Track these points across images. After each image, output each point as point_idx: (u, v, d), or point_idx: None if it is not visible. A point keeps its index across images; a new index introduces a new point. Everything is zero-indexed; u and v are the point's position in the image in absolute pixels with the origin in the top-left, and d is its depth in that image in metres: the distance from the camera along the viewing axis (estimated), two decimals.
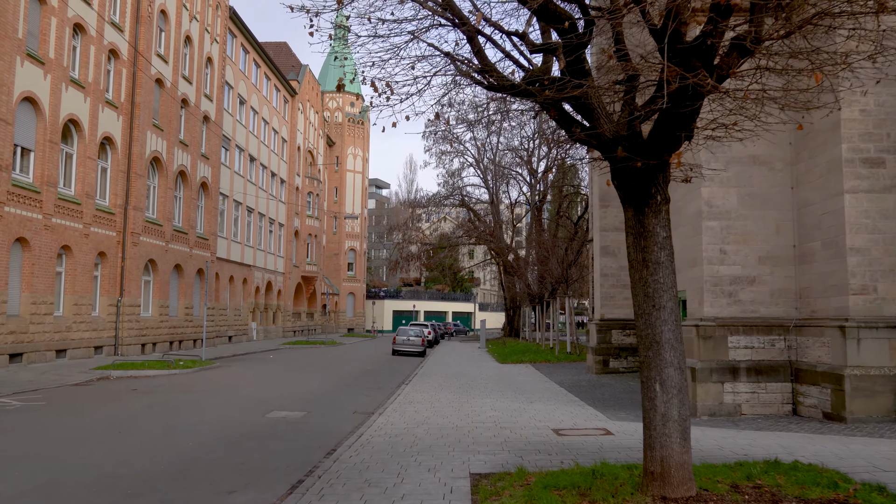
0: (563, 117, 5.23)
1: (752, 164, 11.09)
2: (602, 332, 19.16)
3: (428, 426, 10.07)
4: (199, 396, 13.85)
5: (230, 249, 36.96)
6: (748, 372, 10.71)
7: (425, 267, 60.88)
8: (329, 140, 61.16)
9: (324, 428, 10.42)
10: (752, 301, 10.91)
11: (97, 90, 23.03)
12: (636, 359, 19.08)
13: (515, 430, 9.68)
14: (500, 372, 20.64)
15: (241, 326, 38.68)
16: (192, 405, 12.49)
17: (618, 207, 19.47)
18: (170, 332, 28.20)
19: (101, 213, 23.51)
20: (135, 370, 18.88)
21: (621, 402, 13.12)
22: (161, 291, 27.60)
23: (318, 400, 13.90)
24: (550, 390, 15.31)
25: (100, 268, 24.01)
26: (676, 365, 5.13)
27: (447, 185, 49.59)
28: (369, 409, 12.61)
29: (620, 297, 19.34)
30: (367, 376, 19.91)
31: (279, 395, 14.38)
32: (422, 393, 14.64)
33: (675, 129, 4.91)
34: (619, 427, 9.84)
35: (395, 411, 11.82)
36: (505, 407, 12.30)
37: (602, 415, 11.26)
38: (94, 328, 23.10)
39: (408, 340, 31.25)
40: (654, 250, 5.27)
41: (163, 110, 27.59)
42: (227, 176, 36.23)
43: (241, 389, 15.36)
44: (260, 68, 42.12)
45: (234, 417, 11.15)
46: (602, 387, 15.85)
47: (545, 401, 13.29)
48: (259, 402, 13.07)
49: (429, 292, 78.31)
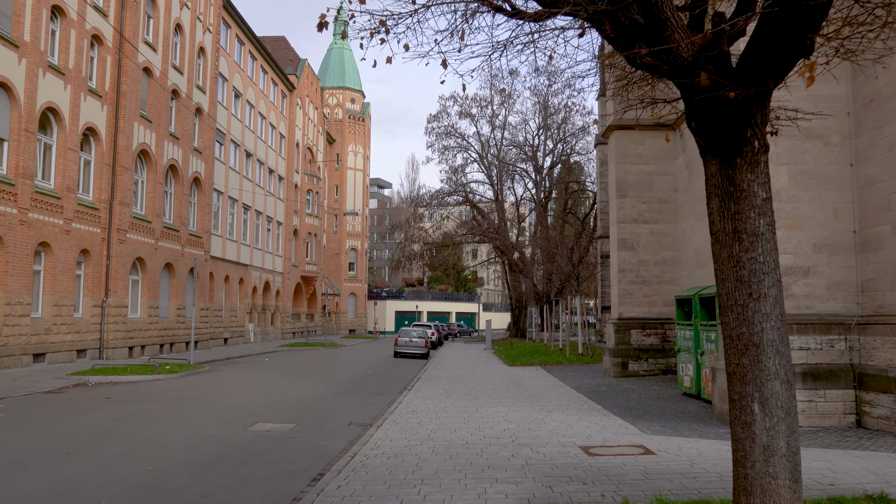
0: (620, 32, 3.78)
1: (805, 139, 9.63)
2: (620, 332, 17.69)
3: (433, 443, 8.63)
4: (179, 406, 12.42)
5: (225, 248, 35.54)
6: (803, 377, 9.24)
7: (428, 267, 59.46)
8: (329, 137, 59.75)
9: (312, 445, 8.98)
10: (806, 295, 9.44)
11: (79, 77, 21.64)
12: (657, 361, 17.61)
13: (537, 447, 8.23)
14: (509, 376, 19.18)
15: (237, 328, 37.26)
16: (167, 417, 11.06)
17: (636, 197, 18.02)
18: (160, 335, 26.78)
19: (84, 209, 22.11)
20: (116, 375, 17.47)
21: (650, 410, 11.65)
22: (150, 291, 26.19)
23: (310, 409, 12.47)
24: (568, 396, 13.85)
25: (83, 266, 22.60)
26: (783, 377, 3.70)
27: (450, 181, 48.16)
28: (367, 421, 11.17)
29: (640, 295, 17.87)
30: (366, 381, 18.47)
31: (268, 404, 12.95)
32: (425, 401, 13.20)
33: (788, 40, 3.45)
34: (659, 444, 8.38)
35: (396, 423, 10.38)
36: (520, 418, 10.85)
37: (633, 427, 9.80)
38: (76, 330, 21.69)
39: (410, 342, 29.78)
40: (749, 217, 3.84)
41: (151, 101, 26.19)
42: (222, 171, 34.83)
43: (227, 397, 13.93)
44: (256, 61, 40.72)
45: (211, 432, 9.71)
46: (624, 392, 14.38)
47: (564, 409, 11.84)
48: (244, 413, 11.64)
49: (432, 292, 76.84)
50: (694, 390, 12.76)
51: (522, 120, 55.23)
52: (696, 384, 12.60)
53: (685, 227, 17.48)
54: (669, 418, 10.70)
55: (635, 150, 18.14)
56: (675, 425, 9.96)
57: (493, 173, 48.14)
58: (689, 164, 17.15)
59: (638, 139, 18.17)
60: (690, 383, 12.93)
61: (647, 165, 18.13)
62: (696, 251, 16.73)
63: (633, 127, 18.19)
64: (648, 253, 17.95)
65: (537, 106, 48.69)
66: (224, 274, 35.43)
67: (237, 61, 37.56)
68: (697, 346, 12.57)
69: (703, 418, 10.60)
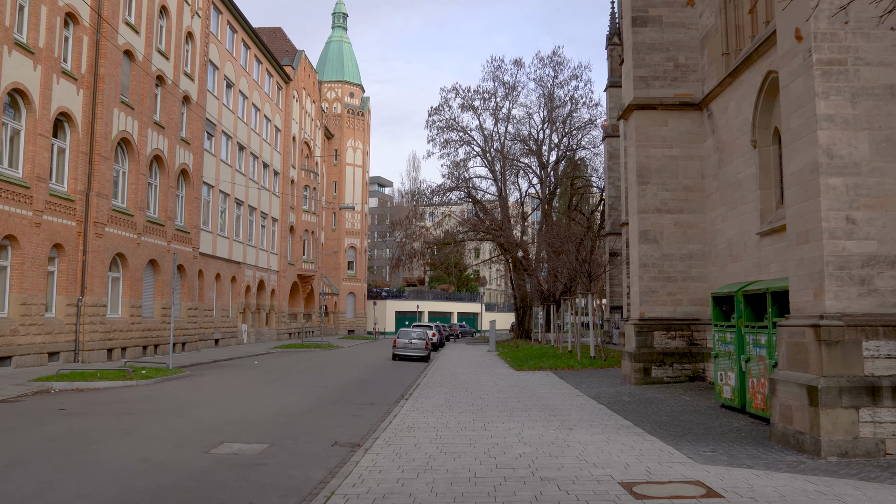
0: None
1: (891, 98, 7.89)
2: (642, 334, 15.93)
3: (432, 474, 6.89)
4: (138, 420, 10.69)
5: (216, 244, 33.82)
6: (894, 392, 7.49)
7: (429, 265, 57.66)
8: (327, 132, 58.02)
9: (283, 475, 7.25)
10: (893, 290, 7.69)
11: (50, 58, 19.93)
12: (683, 366, 15.83)
13: (564, 483, 6.48)
14: (517, 381, 17.44)
15: (229, 329, 35.54)
16: (116, 436, 9.32)
17: (659, 184, 16.26)
18: (143, 336, 25.06)
19: (58, 200, 20.40)
20: (83, 381, 15.76)
21: (690, 428, 9.89)
22: (132, 290, 24.48)
23: (290, 424, 10.73)
24: (588, 408, 12.09)
25: (56, 262, 20.89)
26: None
27: (452, 176, 46.32)
28: (354, 440, 9.43)
29: (663, 293, 16.11)
30: (360, 388, 16.73)
31: (242, 417, 11.22)
32: (425, 413, 11.46)
33: None
34: (720, 479, 6.60)
35: (389, 444, 8.64)
36: (537, 437, 9.10)
37: (676, 451, 8.04)
38: (48, 331, 19.98)
39: (410, 344, 28.00)
40: None
41: (133, 86, 24.48)
42: (213, 164, 33.10)
43: (198, 408, 12.19)
44: (250, 50, 39.00)
45: (161, 457, 7.98)
46: (652, 403, 12.62)
47: (588, 426, 10.08)
48: (210, 430, 9.91)
49: (433, 292, 75.06)
50: (736, 402, 11.00)
51: (527, 114, 53.36)
52: (740, 395, 10.85)
53: (714, 218, 15.71)
54: (717, 439, 8.94)
55: (658, 133, 16.38)
56: (727, 449, 8.20)
57: (496, 168, 46.36)
58: (718, 147, 15.40)
59: (661, 120, 16.41)
60: (731, 394, 11.17)
61: (671, 149, 16.36)
62: (728, 244, 14.97)
63: (656, 106, 16.44)
64: (673, 246, 16.19)
65: (542, 99, 46.94)
66: (215, 272, 33.71)
67: (229, 49, 35.84)
68: (741, 351, 10.81)
69: (759, 440, 8.84)
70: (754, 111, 13.37)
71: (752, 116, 13.47)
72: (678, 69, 16.59)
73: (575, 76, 46.25)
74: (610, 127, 41.13)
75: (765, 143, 13.30)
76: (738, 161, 14.25)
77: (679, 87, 16.53)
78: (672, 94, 16.50)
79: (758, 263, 13.30)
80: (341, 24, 63.02)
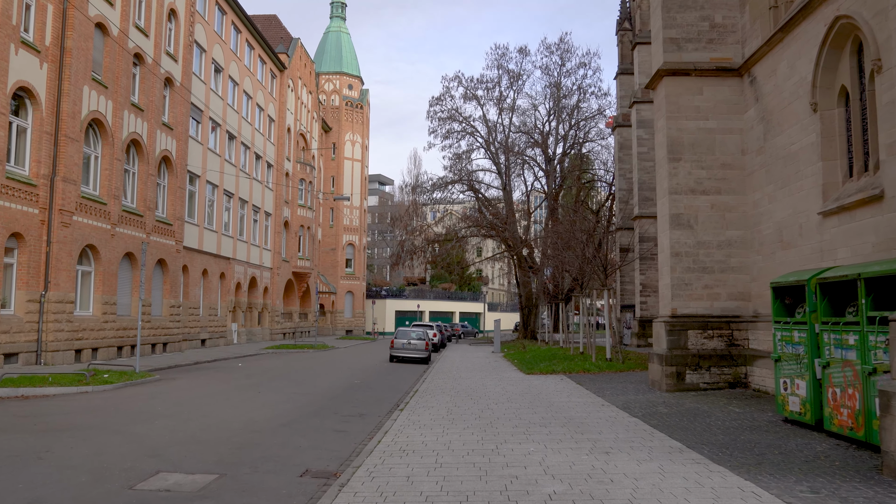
0: None
1: None
2: (674, 333, 13.79)
3: None
4: (60, 439, 8.59)
5: (203, 238, 31.72)
6: None
7: (430, 263, 55.54)
8: (325, 125, 55.92)
9: None
10: None
11: (7, 25, 17.85)
12: (722, 371, 13.69)
13: None
14: (529, 387, 15.31)
15: (217, 328, 33.43)
16: (23, 462, 7.22)
17: (693, 161, 14.13)
18: (117, 335, 22.96)
19: (16, 184, 18.32)
20: (32, 387, 13.70)
21: (762, 452, 7.76)
22: (106, 285, 22.38)
23: (255, 443, 8.62)
24: (620, 423, 9.96)
25: (15, 254, 18.81)
26: None
27: (454, 169, 44.15)
28: (331, 466, 7.34)
29: (698, 286, 13.97)
30: (349, 395, 14.61)
31: (195, 435, 9.11)
32: (422, 429, 9.34)
33: None
34: None
35: (374, 477, 6.53)
36: (567, 467, 6.98)
37: (762, 490, 5.93)
38: (5, 330, 17.90)
39: (408, 344, 25.87)
40: None
41: (107, 63, 22.40)
42: (199, 152, 31.01)
43: (147, 423, 10.08)
44: (241, 34, 36.91)
45: (61, 498, 5.86)
46: (696, 416, 10.48)
47: (629, 448, 7.96)
48: (149, 453, 7.80)
49: (434, 291, 72.90)
50: (808, 418, 8.87)
51: (532, 105, 51.29)
52: (813, 409, 8.72)
53: (759, 199, 13.57)
54: (805, 470, 6.81)
55: (691, 102, 14.26)
56: (831, 488, 6.08)
57: (500, 160, 44.20)
58: (764, 116, 13.26)
59: (695, 88, 14.29)
60: (801, 407, 9.04)
61: (707, 121, 14.23)
62: (777, 228, 12.83)
63: (689, 72, 14.31)
64: (709, 232, 14.06)
65: (548, 89, 44.79)
66: (201, 267, 31.62)
67: (217, 31, 33.75)
68: (814, 353, 8.69)
69: (863, 472, 6.72)
70: (815, 69, 11.25)
71: (811, 75, 11.35)
72: (714, 30, 14.46)
73: (583, 64, 43.95)
74: (620, 117, 39.01)
75: (828, 106, 11.18)
76: (792, 130, 12.12)
77: (716, 49, 14.40)
78: (708, 57, 14.37)
79: (819, 249, 11.17)
80: (340, 13, 60.96)
